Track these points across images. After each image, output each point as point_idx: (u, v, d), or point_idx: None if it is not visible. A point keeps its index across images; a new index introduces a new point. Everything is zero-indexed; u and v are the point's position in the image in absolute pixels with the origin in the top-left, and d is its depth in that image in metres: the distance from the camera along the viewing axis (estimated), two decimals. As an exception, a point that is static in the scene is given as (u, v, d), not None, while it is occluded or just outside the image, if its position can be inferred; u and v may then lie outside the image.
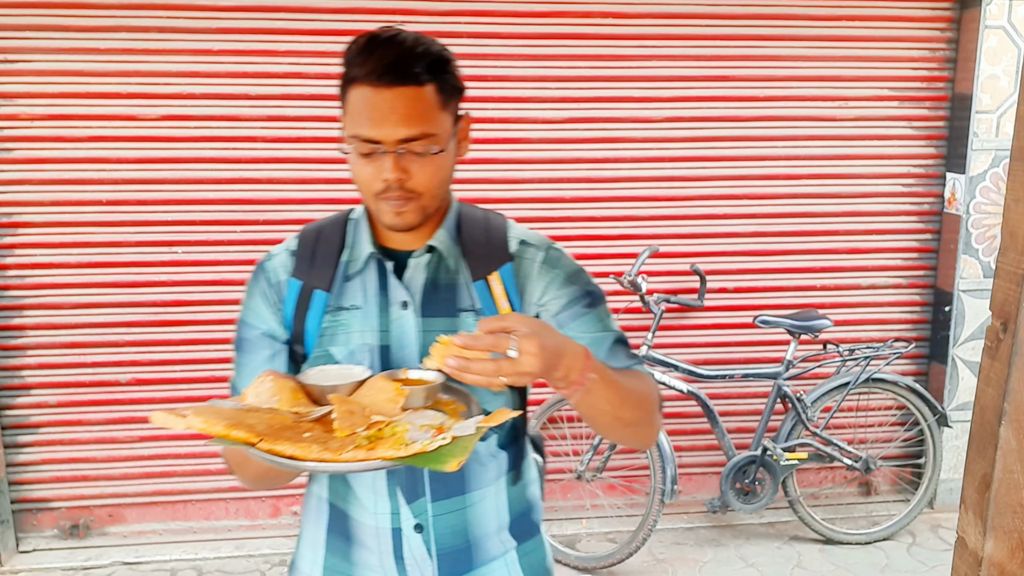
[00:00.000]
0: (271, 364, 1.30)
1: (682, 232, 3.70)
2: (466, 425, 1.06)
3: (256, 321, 1.32)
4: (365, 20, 3.35)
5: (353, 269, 1.30)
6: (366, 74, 1.16)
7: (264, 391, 1.09)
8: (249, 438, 1.00)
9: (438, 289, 1.28)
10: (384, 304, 1.27)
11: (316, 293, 1.29)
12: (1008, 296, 0.80)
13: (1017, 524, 0.81)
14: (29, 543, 3.53)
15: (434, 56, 1.21)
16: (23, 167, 3.33)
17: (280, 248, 1.37)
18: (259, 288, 1.32)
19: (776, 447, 3.47)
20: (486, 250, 1.31)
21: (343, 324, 1.27)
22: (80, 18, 3.24)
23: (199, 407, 1.04)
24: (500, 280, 1.27)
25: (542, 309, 1.30)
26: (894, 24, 3.66)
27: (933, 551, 3.58)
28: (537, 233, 1.37)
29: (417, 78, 1.17)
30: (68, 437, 3.51)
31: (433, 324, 1.26)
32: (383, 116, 1.16)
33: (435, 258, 1.29)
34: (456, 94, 1.25)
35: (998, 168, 3.67)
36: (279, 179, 3.44)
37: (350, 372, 1.16)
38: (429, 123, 1.18)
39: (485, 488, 1.32)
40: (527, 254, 1.32)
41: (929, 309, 3.92)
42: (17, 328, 3.42)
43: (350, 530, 1.32)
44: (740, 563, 3.49)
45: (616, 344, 1.31)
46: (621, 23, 3.52)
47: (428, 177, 1.20)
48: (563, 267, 1.32)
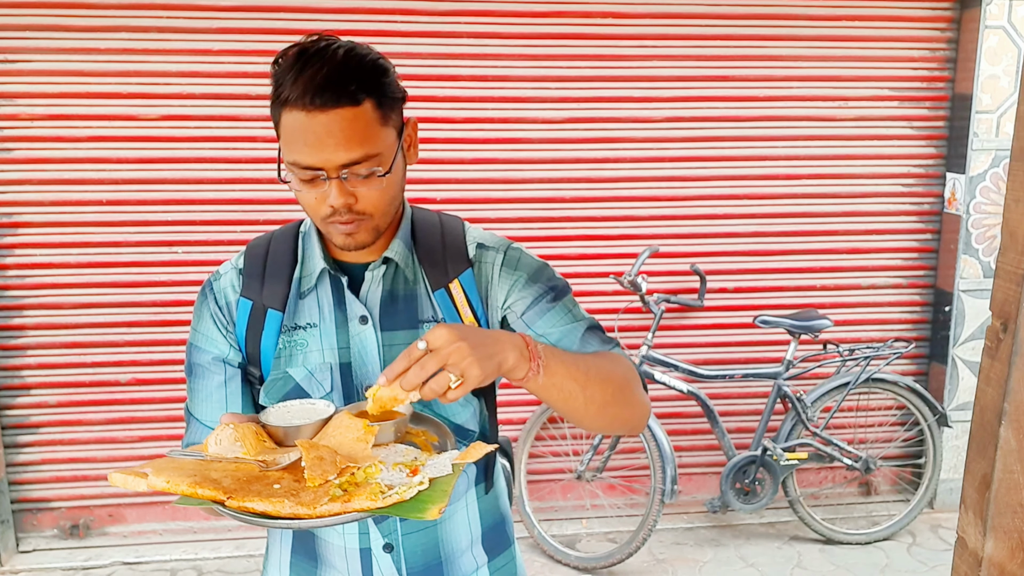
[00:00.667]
0: (226, 389, 1.24)
1: (682, 232, 3.70)
2: (441, 462, 1.01)
3: (207, 345, 1.25)
4: (365, 20, 3.35)
5: (306, 285, 1.24)
6: (298, 96, 1.10)
7: (225, 438, 1.03)
8: (217, 495, 0.94)
9: (397, 301, 1.23)
10: (342, 320, 1.22)
11: (269, 313, 1.23)
12: (1008, 296, 0.80)
13: (1017, 524, 0.81)
14: (29, 543, 3.53)
15: (368, 68, 1.12)
16: (23, 167, 3.33)
17: (227, 266, 1.30)
18: (208, 310, 1.26)
19: (776, 447, 3.47)
20: (444, 257, 1.25)
21: (300, 344, 1.22)
22: (80, 18, 3.25)
23: (159, 463, 0.98)
24: (461, 288, 1.23)
25: (507, 311, 1.26)
26: (894, 24, 3.66)
27: (933, 551, 3.58)
28: (493, 234, 1.31)
29: (353, 97, 1.08)
30: (68, 437, 3.51)
31: (394, 337, 1.22)
32: (320, 142, 1.09)
33: (391, 269, 1.24)
34: (397, 104, 1.16)
35: (998, 168, 3.67)
36: (278, 179, 3.43)
37: (313, 408, 1.11)
38: (370, 143, 1.10)
39: (455, 503, 1.28)
40: (486, 258, 1.26)
41: (929, 309, 3.92)
42: (17, 328, 3.42)
43: (316, 550, 1.27)
44: (740, 563, 3.49)
45: (588, 331, 1.26)
46: (621, 23, 3.52)
47: (376, 198, 1.14)
48: (524, 267, 1.27)
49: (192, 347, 1.27)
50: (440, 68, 3.43)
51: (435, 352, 0.98)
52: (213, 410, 1.25)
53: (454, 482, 0.99)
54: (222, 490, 0.94)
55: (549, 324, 1.24)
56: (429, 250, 1.26)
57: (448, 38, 3.41)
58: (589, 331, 1.26)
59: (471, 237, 1.29)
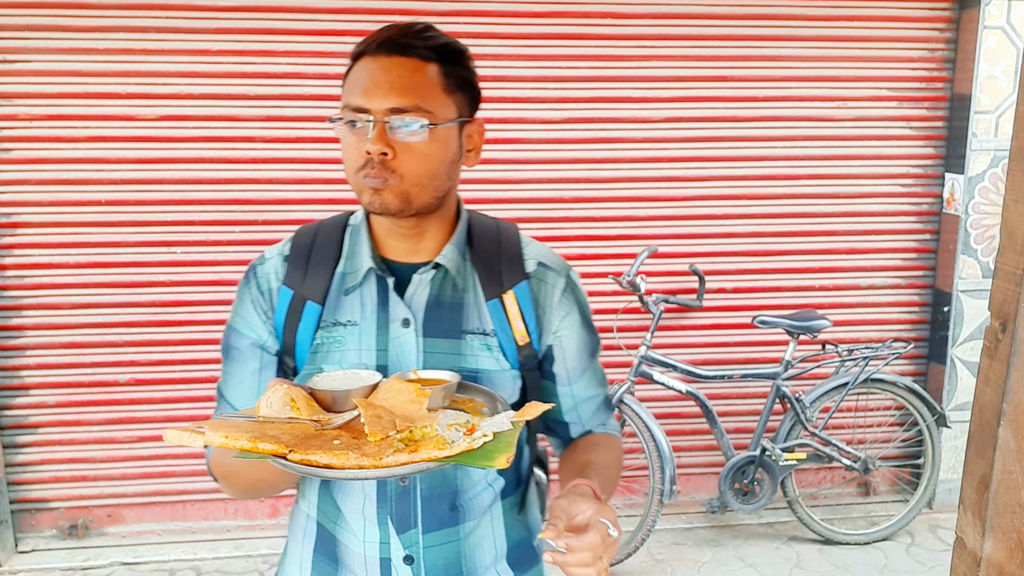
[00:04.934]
0: (260, 376, 1.23)
1: (681, 232, 3.70)
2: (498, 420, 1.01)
3: (246, 329, 1.24)
4: (364, 20, 3.35)
5: (351, 282, 1.21)
6: (367, 46, 1.12)
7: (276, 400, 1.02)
8: (278, 449, 0.92)
9: (442, 308, 1.20)
10: (383, 322, 1.19)
11: (308, 305, 1.20)
12: (1007, 296, 0.80)
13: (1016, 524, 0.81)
14: (28, 543, 3.53)
15: (445, 41, 1.14)
16: (22, 167, 3.33)
17: (273, 251, 1.27)
18: (249, 294, 1.24)
19: (775, 447, 3.47)
20: (499, 267, 1.23)
21: (338, 341, 1.19)
22: (79, 18, 3.24)
23: (215, 421, 0.97)
24: (516, 300, 1.22)
25: (556, 339, 1.26)
26: (893, 24, 3.66)
27: (932, 551, 3.58)
28: (553, 253, 1.31)
29: (421, 53, 1.11)
30: (67, 437, 3.51)
31: (436, 345, 1.19)
32: (376, 83, 1.09)
33: (440, 274, 1.21)
34: (466, 88, 1.17)
35: (997, 168, 3.67)
36: (278, 179, 3.44)
37: (358, 376, 1.10)
38: (424, 99, 1.10)
39: (479, 517, 1.25)
40: (547, 278, 1.26)
41: (928, 309, 3.92)
42: (16, 328, 3.42)
43: (338, 554, 1.25)
44: (739, 563, 3.49)
45: (602, 404, 1.34)
46: (620, 23, 3.52)
47: (414, 160, 1.11)
48: (579, 303, 1.29)
49: (231, 329, 1.26)
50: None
51: (612, 544, 1.03)
52: (245, 396, 1.24)
53: (517, 434, 0.99)
54: (283, 444, 0.93)
55: (584, 386, 1.30)
56: (485, 258, 1.24)
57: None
58: (603, 403, 1.34)
59: (530, 252, 1.28)
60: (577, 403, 1.31)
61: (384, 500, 1.20)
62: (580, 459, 1.24)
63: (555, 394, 1.29)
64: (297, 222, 3.94)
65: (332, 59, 3.37)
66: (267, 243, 1.41)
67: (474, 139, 1.21)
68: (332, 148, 3.41)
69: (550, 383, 1.29)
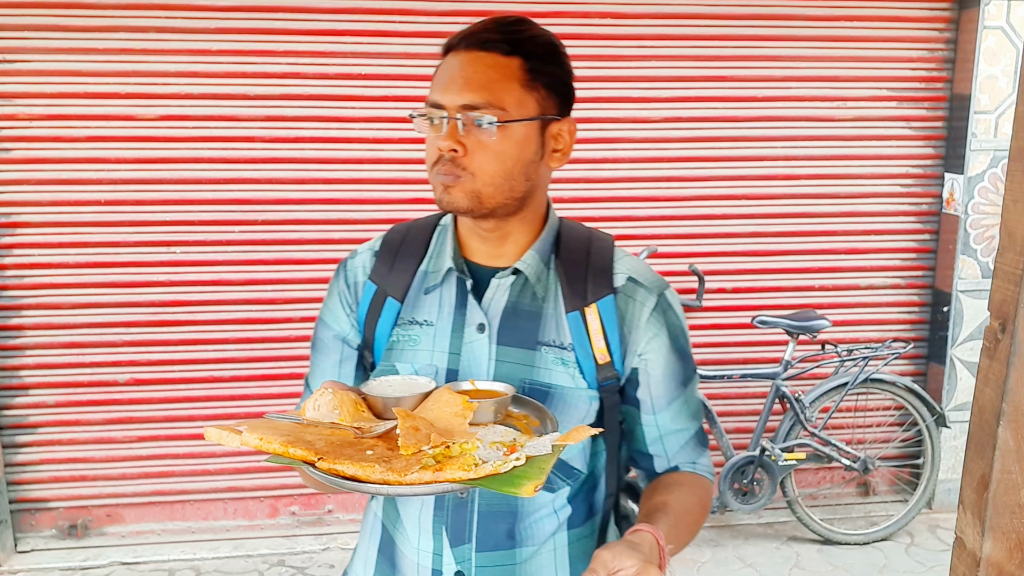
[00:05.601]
0: (340, 369, 1.23)
1: (680, 232, 3.70)
2: (541, 443, 0.96)
3: (331, 321, 1.24)
4: (364, 20, 3.35)
5: (432, 282, 1.19)
6: (457, 41, 1.12)
7: (324, 404, 1.01)
8: (308, 456, 0.92)
9: (518, 316, 1.16)
10: (459, 324, 1.16)
11: (388, 301, 1.19)
12: (1006, 296, 0.80)
13: (1015, 524, 0.81)
14: (27, 543, 3.53)
15: (534, 36, 1.11)
16: (21, 167, 3.33)
17: (365, 247, 1.26)
18: (338, 287, 1.24)
19: (774, 447, 3.47)
20: (585, 278, 1.17)
21: (413, 339, 1.18)
22: (79, 18, 3.24)
23: (255, 422, 0.97)
24: (599, 315, 1.15)
25: (641, 362, 1.18)
26: (892, 24, 3.66)
27: (931, 551, 3.58)
28: (648, 268, 1.23)
29: (503, 48, 1.08)
30: (66, 437, 3.51)
31: (508, 354, 1.15)
32: (452, 80, 1.09)
33: (520, 281, 1.17)
34: (553, 86, 1.12)
35: (996, 168, 3.67)
36: (277, 179, 3.44)
37: (415, 383, 1.08)
38: (498, 95, 1.07)
39: (539, 545, 1.17)
40: (637, 295, 1.18)
41: (927, 309, 3.92)
42: (15, 328, 3.42)
43: (395, 558, 1.22)
44: (738, 563, 3.50)
45: (692, 439, 1.23)
46: (620, 23, 3.52)
47: (484, 158, 1.08)
48: (672, 324, 1.19)
49: (319, 321, 1.27)
50: (439, 68, 3.43)
51: None
52: None
53: (553, 461, 0.94)
54: (314, 451, 0.92)
55: (670, 417, 1.21)
56: (571, 267, 1.18)
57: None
58: (694, 437, 1.24)
59: (622, 265, 1.20)
60: (663, 435, 1.22)
61: (441, 510, 1.17)
62: (656, 500, 1.15)
63: (638, 422, 1.22)
64: (296, 222, 3.93)
65: (332, 59, 3.37)
66: (266, 243, 1.42)
67: (562, 138, 1.16)
68: (332, 148, 3.41)
69: (634, 409, 1.21)
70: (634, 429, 1.23)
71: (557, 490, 1.17)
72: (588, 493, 1.22)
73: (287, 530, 3.66)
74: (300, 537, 3.63)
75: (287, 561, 3.47)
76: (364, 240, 1.31)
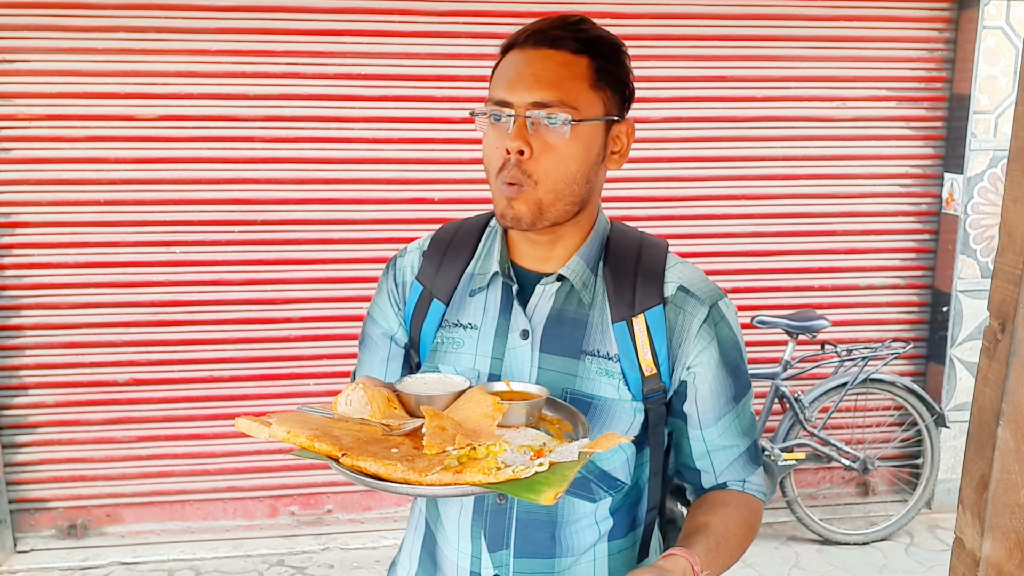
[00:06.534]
0: (386, 366, 1.22)
1: (680, 232, 3.70)
2: (567, 450, 0.93)
3: (380, 318, 1.24)
4: (364, 20, 3.35)
5: (478, 284, 1.17)
6: (522, 39, 1.09)
7: (356, 399, 1.01)
8: (332, 451, 0.92)
9: (563, 324, 1.13)
10: (503, 329, 1.14)
11: (434, 302, 1.18)
12: (1006, 296, 0.80)
13: (1015, 524, 0.81)
14: (27, 543, 3.53)
15: (599, 34, 1.10)
16: (21, 167, 3.33)
17: (414, 245, 1.25)
18: (387, 285, 1.24)
19: (774, 447, 3.47)
20: (635, 286, 1.13)
21: (457, 342, 1.16)
22: (79, 18, 3.24)
23: (285, 415, 0.97)
24: (646, 325, 1.11)
25: (689, 375, 1.14)
26: (892, 24, 3.67)
27: (931, 551, 3.58)
28: (702, 276, 1.18)
29: (571, 46, 1.06)
30: (66, 437, 3.51)
31: (551, 362, 1.12)
32: (520, 76, 1.05)
33: (565, 288, 1.14)
34: (617, 87, 1.11)
35: (996, 168, 3.68)
36: (277, 179, 3.44)
37: (450, 381, 1.06)
38: (569, 94, 1.04)
39: (579, 555, 1.15)
40: (687, 306, 1.13)
41: (927, 309, 3.92)
42: (15, 328, 3.42)
43: (437, 556, 1.22)
44: (738, 563, 3.48)
45: (742, 456, 1.20)
46: (620, 23, 3.52)
47: (552, 161, 1.05)
48: (724, 336, 1.15)
49: (368, 317, 1.26)
50: (439, 68, 3.43)
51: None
52: None
53: (577, 469, 0.91)
54: (339, 447, 0.92)
55: (719, 433, 1.18)
56: (619, 275, 1.14)
57: (448, 38, 3.41)
58: (745, 454, 1.21)
59: (673, 273, 1.16)
60: (710, 450, 1.19)
61: (480, 514, 1.15)
62: (698, 520, 1.13)
63: (685, 436, 1.19)
64: (296, 222, 3.92)
65: (332, 59, 3.37)
66: (266, 243, 1.41)
67: (621, 140, 1.14)
68: (332, 148, 3.41)
69: (681, 422, 1.18)
70: (681, 443, 1.20)
71: (599, 501, 1.15)
72: (631, 506, 1.19)
73: (286, 530, 3.66)
74: (299, 537, 3.63)
75: (286, 561, 3.47)
76: (364, 241, 1.31)
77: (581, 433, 1.00)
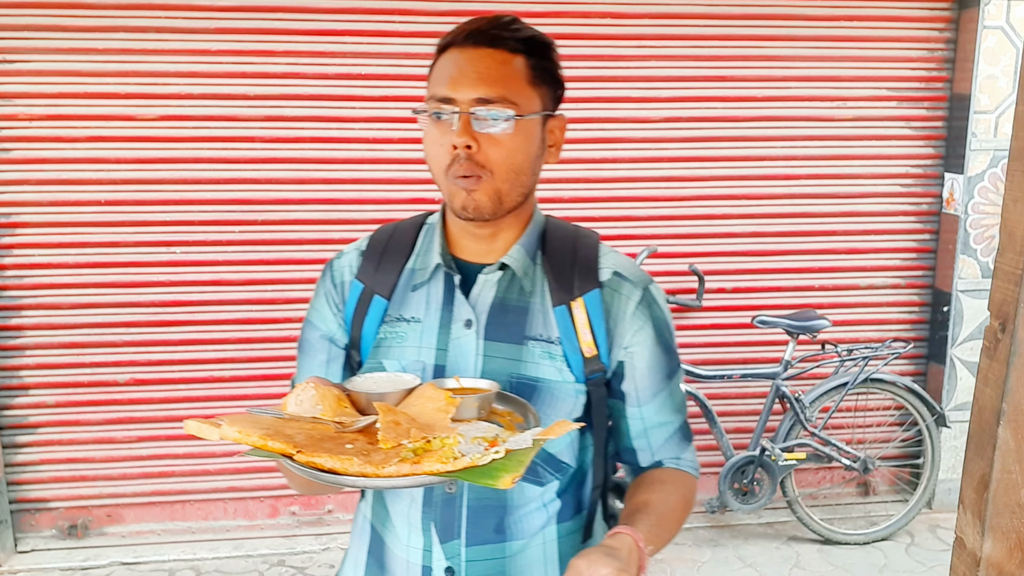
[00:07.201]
0: (327, 369, 1.23)
1: (680, 232, 3.70)
2: (522, 438, 0.96)
3: (318, 322, 1.25)
4: (364, 20, 3.35)
5: (419, 279, 1.20)
6: (458, 38, 1.12)
7: (306, 399, 1.02)
8: (286, 449, 0.92)
9: (506, 311, 1.17)
10: (446, 320, 1.17)
11: (375, 299, 1.20)
12: (1006, 296, 0.80)
13: (1015, 524, 0.81)
14: (27, 543, 3.53)
15: (531, 34, 1.14)
16: (21, 167, 3.33)
17: (351, 247, 1.27)
18: (324, 287, 1.25)
19: (774, 447, 3.47)
20: (572, 273, 1.18)
21: (400, 336, 1.18)
22: (79, 18, 3.24)
23: (235, 416, 0.97)
24: (585, 308, 1.17)
25: (627, 355, 1.19)
26: (892, 24, 3.66)
27: (931, 551, 3.58)
28: (632, 263, 1.25)
29: (508, 45, 1.10)
30: (67, 437, 3.51)
31: (496, 349, 1.16)
32: (462, 74, 1.09)
33: (507, 276, 1.18)
34: (551, 84, 1.16)
35: (996, 168, 3.67)
36: (277, 179, 3.44)
37: (400, 379, 1.08)
38: (511, 91, 1.09)
39: (529, 538, 1.19)
40: (622, 289, 1.19)
41: (927, 309, 3.92)
42: (15, 328, 3.42)
43: (385, 559, 1.23)
44: (738, 563, 3.50)
45: (676, 433, 1.25)
46: (620, 23, 3.52)
47: (500, 154, 1.09)
48: (657, 318, 1.21)
49: (306, 322, 1.27)
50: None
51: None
52: None
53: (532, 455, 0.94)
54: (293, 444, 0.93)
55: (655, 410, 1.22)
56: (557, 262, 1.20)
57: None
58: (679, 431, 1.25)
59: (607, 260, 1.22)
60: (647, 428, 1.23)
61: (430, 506, 1.17)
62: (638, 499, 1.18)
63: (624, 416, 1.23)
64: (296, 222, 3.93)
65: (332, 59, 3.37)
66: (266, 243, 1.41)
67: (555, 135, 1.19)
68: (332, 148, 3.41)
69: (620, 403, 1.23)
70: (619, 423, 1.25)
71: (546, 484, 1.19)
72: (577, 487, 1.24)
73: (287, 530, 3.66)
74: (300, 537, 3.63)
75: (287, 561, 3.47)
76: (364, 240, 1.31)
77: (533, 423, 1.03)
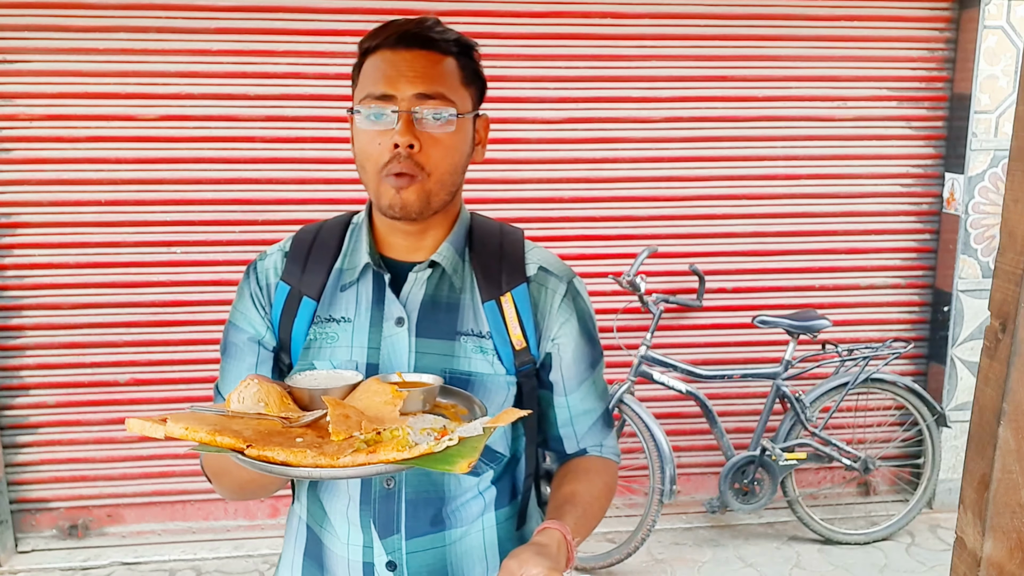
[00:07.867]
0: (256, 372, 1.23)
1: (681, 232, 3.70)
2: (472, 426, 0.99)
3: (244, 324, 1.24)
4: (364, 20, 3.35)
5: (348, 279, 1.20)
6: (383, 40, 1.11)
7: (249, 396, 1.01)
8: (236, 444, 0.92)
9: (438, 308, 1.19)
10: (377, 319, 1.18)
11: (304, 300, 1.20)
12: (1007, 296, 0.80)
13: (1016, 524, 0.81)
14: (28, 543, 3.53)
15: (456, 36, 1.16)
16: (22, 167, 3.33)
17: (274, 248, 1.27)
18: (250, 289, 1.24)
19: (775, 447, 3.47)
20: (499, 269, 1.21)
21: (331, 336, 1.18)
22: (79, 18, 3.24)
23: (179, 414, 0.96)
24: (513, 303, 1.19)
25: (554, 346, 1.23)
26: (893, 24, 3.66)
27: (932, 551, 3.58)
28: (556, 258, 1.28)
29: (440, 47, 1.12)
30: (67, 437, 3.51)
31: (428, 346, 1.17)
32: (400, 73, 1.09)
33: (437, 274, 1.20)
34: (478, 83, 1.19)
35: (997, 168, 3.67)
36: (277, 179, 3.44)
37: (341, 376, 1.09)
38: (448, 90, 1.11)
39: (467, 526, 1.22)
40: (548, 283, 1.23)
41: (928, 309, 3.92)
42: (16, 328, 3.42)
43: (323, 558, 1.23)
44: (739, 563, 3.49)
45: (599, 420, 1.30)
46: (620, 23, 3.52)
47: (439, 154, 1.10)
48: (581, 310, 1.25)
49: (230, 325, 1.26)
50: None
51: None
52: None
53: (484, 441, 0.96)
54: (242, 439, 0.92)
55: (580, 398, 1.27)
56: (485, 258, 1.22)
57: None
58: (601, 418, 1.30)
59: (533, 257, 1.25)
60: (573, 416, 1.28)
61: (368, 502, 1.18)
62: (564, 490, 1.21)
63: (551, 405, 1.27)
64: (297, 222, 3.93)
65: (332, 59, 3.37)
66: (267, 243, 1.41)
67: (481, 133, 1.21)
68: (331, 148, 3.41)
69: (548, 392, 1.27)
70: (547, 412, 1.28)
71: (482, 473, 1.22)
72: (511, 475, 1.27)
73: (284, 533, 3.66)
74: (300, 537, 3.63)
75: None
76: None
77: (479, 412, 1.05)
